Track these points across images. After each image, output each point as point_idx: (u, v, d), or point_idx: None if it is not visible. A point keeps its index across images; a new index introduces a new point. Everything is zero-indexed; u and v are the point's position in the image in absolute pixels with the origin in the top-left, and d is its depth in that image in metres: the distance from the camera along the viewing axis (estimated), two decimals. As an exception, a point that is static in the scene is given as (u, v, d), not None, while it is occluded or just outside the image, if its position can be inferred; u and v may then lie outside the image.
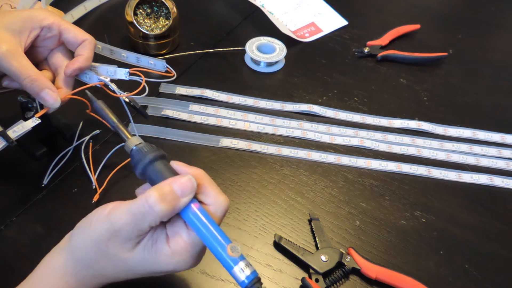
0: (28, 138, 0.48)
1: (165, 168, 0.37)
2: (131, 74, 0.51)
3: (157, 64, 0.56)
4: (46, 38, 0.48)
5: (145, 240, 0.35)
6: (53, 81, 0.49)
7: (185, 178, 0.35)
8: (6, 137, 0.44)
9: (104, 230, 0.34)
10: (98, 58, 0.55)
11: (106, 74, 0.51)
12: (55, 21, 0.47)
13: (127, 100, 0.51)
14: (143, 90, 0.50)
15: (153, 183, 0.36)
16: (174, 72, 0.56)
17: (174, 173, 0.37)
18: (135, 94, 0.50)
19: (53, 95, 0.46)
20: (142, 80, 0.50)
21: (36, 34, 0.47)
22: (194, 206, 0.35)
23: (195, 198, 0.36)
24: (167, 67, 0.56)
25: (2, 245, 0.48)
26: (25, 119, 0.46)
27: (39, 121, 0.47)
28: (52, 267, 0.37)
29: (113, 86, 0.50)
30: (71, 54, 0.50)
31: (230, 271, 0.35)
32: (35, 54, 0.49)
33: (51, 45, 0.49)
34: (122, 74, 0.51)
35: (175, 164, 0.38)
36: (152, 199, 0.34)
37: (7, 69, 0.45)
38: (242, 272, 0.34)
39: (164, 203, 0.34)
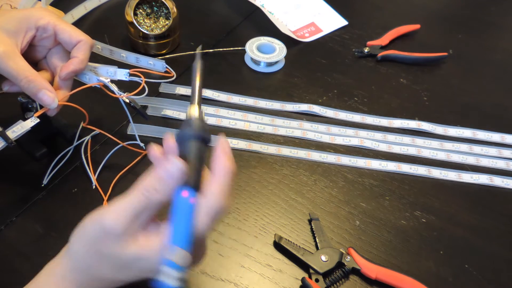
0: (29, 138, 0.48)
1: (196, 152, 0.35)
2: (131, 74, 0.51)
3: (156, 64, 0.56)
4: (43, 38, 0.48)
5: (140, 237, 0.35)
6: (52, 81, 0.49)
7: (173, 165, 0.34)
8: (5, 137, 0.44)
9: (97, 231, 0.34)
10: (99, 58, 0.55)
11: (106, 74, 0.51)
12: (51, 21, 0.47)
13: (127, 100, 0.51)
14: (143, 90, 0.50)
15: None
16: (173, 72, 0.56)
17: (200, 159, 0.35)
18: (134, 95, 0.50)
19: (50, 96, 0.46)
20: (142, 80, 0.50)
21: (32, 35, 0.47)
22: (184, 195, 0.34)
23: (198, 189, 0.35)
24: (166, 67, 0.56)
25: (2, 245, 0.48)
26: (25, 120, 0.46)
27: (38, 120, 0.47)
28: (53, 274, 0.37)
29: (112, 87, 0.50)
30: (69, 54, 0.50)
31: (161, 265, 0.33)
32: (34, 54, 0.49)
33: (48, 45, 0.49)
34: (122, 74, 0.51)
35: (219, 148, 0.36)
36: (149, 189, 0.33)
37: (4, 70, 0.44)
38: (166, 275, 0.32)
39: (144, 197, 0.33)
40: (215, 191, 0.34)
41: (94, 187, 0.53)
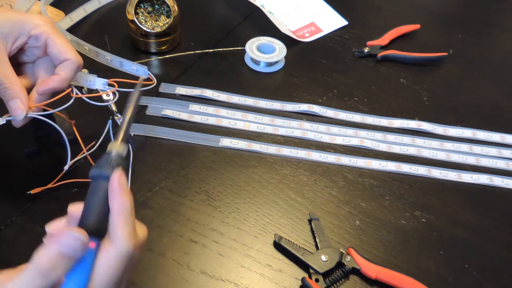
0: (26, 132, 0.47)
1: (97, 194, 0.34)
2: (109, 84, 0.49)
3: (139, 70, 0.54)
4: (33, 46, 0.46)
5: None
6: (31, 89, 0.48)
7: (74, 238, 0.31)
8: None
9: None
10: (85, 60, 0.53)
11: (86, 84, 0.49)
12: (45, 31, 0.45)
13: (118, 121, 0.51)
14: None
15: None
16: (154, 80, 0.54)
17: (102, 200, 0.34)
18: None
19: (20, 107, 0.44)
20: (114, 88, 0.49)
21: (23, 41, 0.45)
22: (91, 246, 0.31)
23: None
24: (149, 74, 0.54)
25: (2, 245, 0.48)
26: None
27: (4, 122, 0.46)
28: None
29: (113, 106, 0.50)
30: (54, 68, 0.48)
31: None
32: (20, 56, 0.47)
33: (38, 54, 0.47)
34: (101, 84, 0.49)
35: (115, 183, 0.33)
36: (48, 269, 0.29)
37: None
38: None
39: (42, 278, 0.29)
40: (123, 234, 0.32)
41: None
